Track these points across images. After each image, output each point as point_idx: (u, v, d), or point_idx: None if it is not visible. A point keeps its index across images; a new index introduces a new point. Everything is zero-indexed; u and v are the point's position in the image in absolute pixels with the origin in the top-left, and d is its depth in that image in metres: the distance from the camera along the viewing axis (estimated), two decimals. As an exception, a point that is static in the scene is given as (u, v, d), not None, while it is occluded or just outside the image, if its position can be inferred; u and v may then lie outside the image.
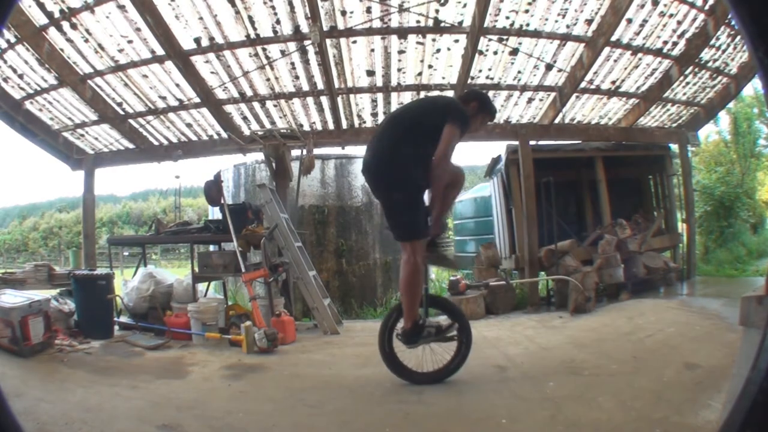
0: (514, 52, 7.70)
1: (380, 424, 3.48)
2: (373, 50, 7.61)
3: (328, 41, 7.29)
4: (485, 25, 7.03)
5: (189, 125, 9.29)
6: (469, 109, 4.42)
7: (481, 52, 7.60)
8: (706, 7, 7.39)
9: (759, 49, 1.19)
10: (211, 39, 7.28)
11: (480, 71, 8.07)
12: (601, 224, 9.43)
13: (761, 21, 1.18)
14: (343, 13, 6.94)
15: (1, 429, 1.35)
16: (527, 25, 7.28)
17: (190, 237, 8.15)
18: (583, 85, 8.38)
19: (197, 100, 8.34)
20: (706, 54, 8.38)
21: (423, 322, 4.33)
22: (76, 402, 3.99)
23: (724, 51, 8.50)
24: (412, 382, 4.29)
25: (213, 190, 7.53)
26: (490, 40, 7.44)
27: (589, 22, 7.27)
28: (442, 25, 7.15)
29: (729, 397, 2.76)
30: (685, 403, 3.39)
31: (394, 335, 4.38)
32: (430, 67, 7.99)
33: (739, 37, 8.02)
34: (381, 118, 9.13)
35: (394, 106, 8.82)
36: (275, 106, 8.81)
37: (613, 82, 8.69)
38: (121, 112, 8.81)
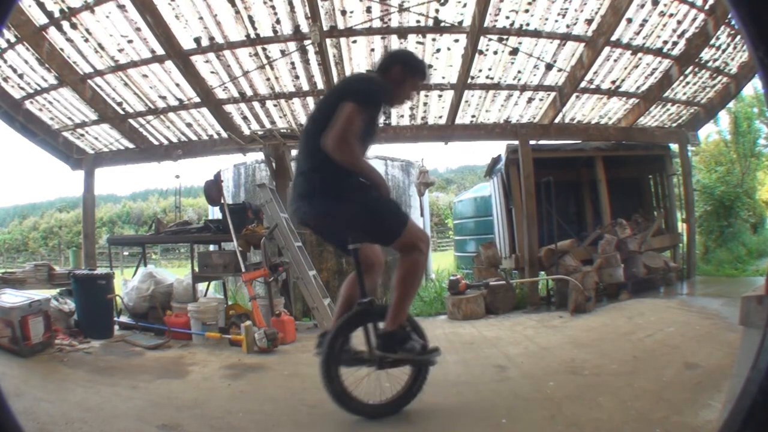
0: (514, 51, 7.70)
1: (379, 423, 3.48)
2: (373, 50, 7.61)
3: (328, 41, 7.29)
4: (485, 25, 7.03)
5: (189, 125, 9.28)
6: (391, 76, 3.68)
7: (481, 52, 7.60)
8: (706, 7, 7.39)
9: (759, 49, 1.19)
10: (211, 39, 7.28)
11: (480, 71, 8.07)
12: (601, 224, 9.43)
13: (761, 21, 1.18)
14: (343, 12, 6.94)
15: (2, 429, 1.35)
16: (527, 24, 7.28)
17: (190, 237, 8.15)
18: (583, 84, 8.37)
19: (197, 99, 8.33)
20: (706, 54, 8.38)
21: (408, 330, 3.52)
22: (76, 402, 3.99)
23: (724, 51, 8.50)
24: (369, 417, 3.55)
25: (213, 190, 7.53)
26: (490, 39, 7.44)
27: (589, 21, 7.27)
28: (442, 24, 7.15)
29: (729, 397, 2.76)
30: (685, 403, 3.40)
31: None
32: (430, 66, 7.97)
33: (739, 37, 8.03)
34: (380, 118, 9.13)
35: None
36: (275, 105, 8.80)
37: (613, 82, 8.69)
38: (121, 112, 8.81)
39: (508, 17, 7.13)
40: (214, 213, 10.96)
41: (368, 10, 6.92)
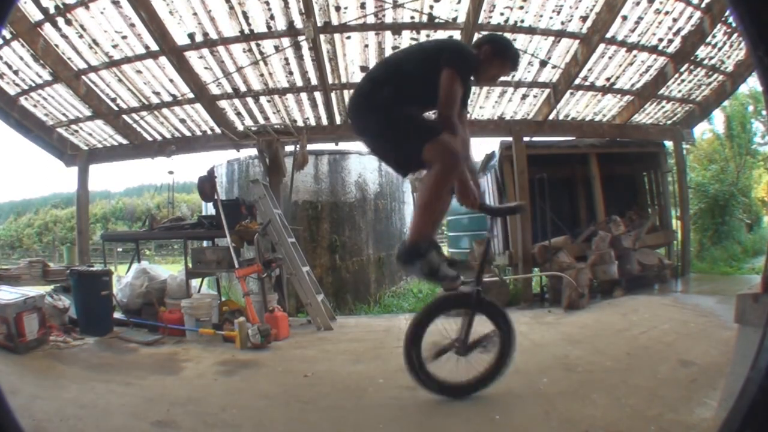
0: (509, 48, 7.68)
1: (374, 419, 3.49)
2: (367, 46, 7.58)
3: (322, 37, 7.25)
4: (480, 21, 7.00)
5: (183, 121, 9.24)
6: (480, 53, 3.79)
7: (475, 48, 7.58)
8: (703, 5, 7.38)
9: (759, 48, 1.19)
10: (205, 34, 7.24)
11: (474, 67, 8.04)
12: (595, 221, 9.44)
13: (761, 20, 1.17)
14: (338, 8, 6.91)
15: (1, 426, 1.34)
16: (522, 21, 7.26)
17: (183, 233, 8.14)
18: (577, 81, 8.36)
19: (191, 95, 8.28)
20: (701, 51, 8.36)
21: (430, 253, 3.42)
22: (71, 398, 3.99)
23: (720, 49, 8.49)
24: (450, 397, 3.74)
25: (206, 186, 7.52)
26: (484, 36, 7.42)
27: (584, 18, 7.26)
28: (437, 21, 7.13)
29: (724, 395, 2.77)
30: (680, 401, 3.40)
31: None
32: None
33: (735, 35, 8.03)
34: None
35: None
36: (269, 101, 8.77)
37: (608, 79, 8.68)
38: (115, 108, 8.75)
39: (502, 14, 7.11)
40: (208, 209, 10.95)
41: (362, 6, 6.89)
